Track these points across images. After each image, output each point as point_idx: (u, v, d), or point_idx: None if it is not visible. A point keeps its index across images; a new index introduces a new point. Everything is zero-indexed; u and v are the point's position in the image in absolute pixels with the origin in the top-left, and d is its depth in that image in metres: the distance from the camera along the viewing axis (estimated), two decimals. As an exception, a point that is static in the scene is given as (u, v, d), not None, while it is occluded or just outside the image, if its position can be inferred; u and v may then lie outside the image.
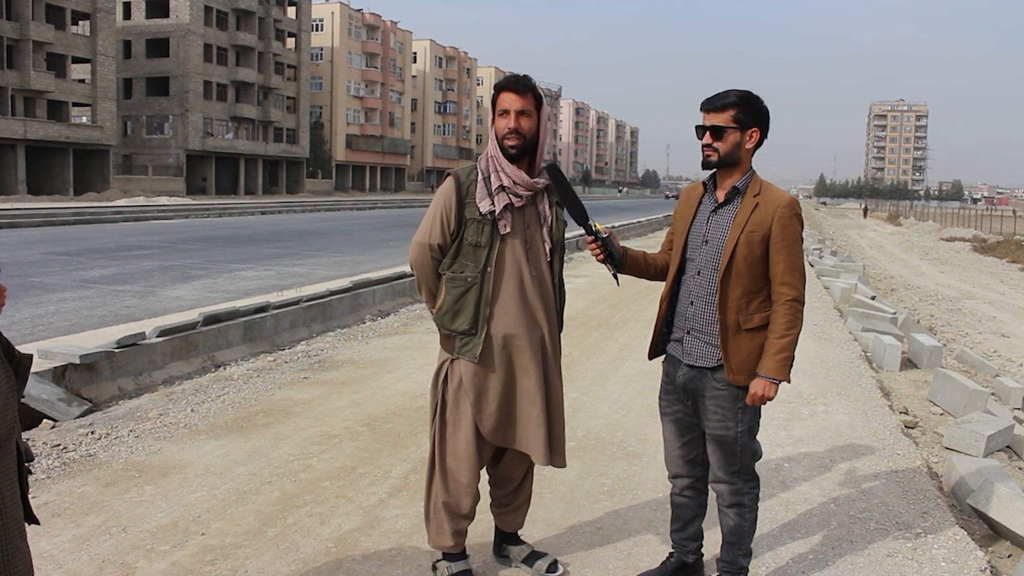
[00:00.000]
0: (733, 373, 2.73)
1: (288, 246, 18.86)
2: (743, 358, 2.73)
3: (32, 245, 17.86)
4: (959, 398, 6.15)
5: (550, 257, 2.96)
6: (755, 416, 2.81)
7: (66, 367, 5.51)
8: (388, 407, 5.39)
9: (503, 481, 3.09)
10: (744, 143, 2.72)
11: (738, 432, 2.77)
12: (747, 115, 2.70)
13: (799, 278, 2.72)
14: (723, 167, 2.77)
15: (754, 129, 2.72)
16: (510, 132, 2.80)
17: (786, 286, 2.70)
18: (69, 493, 3.84)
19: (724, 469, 2.82)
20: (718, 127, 2.72)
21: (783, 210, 2.69)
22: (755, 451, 2.84)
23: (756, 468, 2.92)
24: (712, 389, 2.78)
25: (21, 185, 42.47)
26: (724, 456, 2.81)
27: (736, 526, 2.86)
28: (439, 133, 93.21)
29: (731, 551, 2.90)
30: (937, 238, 42.30)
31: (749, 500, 2.85)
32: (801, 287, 2.72)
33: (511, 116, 2.80)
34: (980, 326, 13.39)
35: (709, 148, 2.75)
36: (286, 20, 64.59)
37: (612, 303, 10.25)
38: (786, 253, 2.70)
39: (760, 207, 2.70)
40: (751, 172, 2.77)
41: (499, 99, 2.84)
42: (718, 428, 2.79)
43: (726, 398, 2.76)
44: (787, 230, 2.69)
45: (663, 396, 2.98)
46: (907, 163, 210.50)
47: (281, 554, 3.26)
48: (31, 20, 42.99)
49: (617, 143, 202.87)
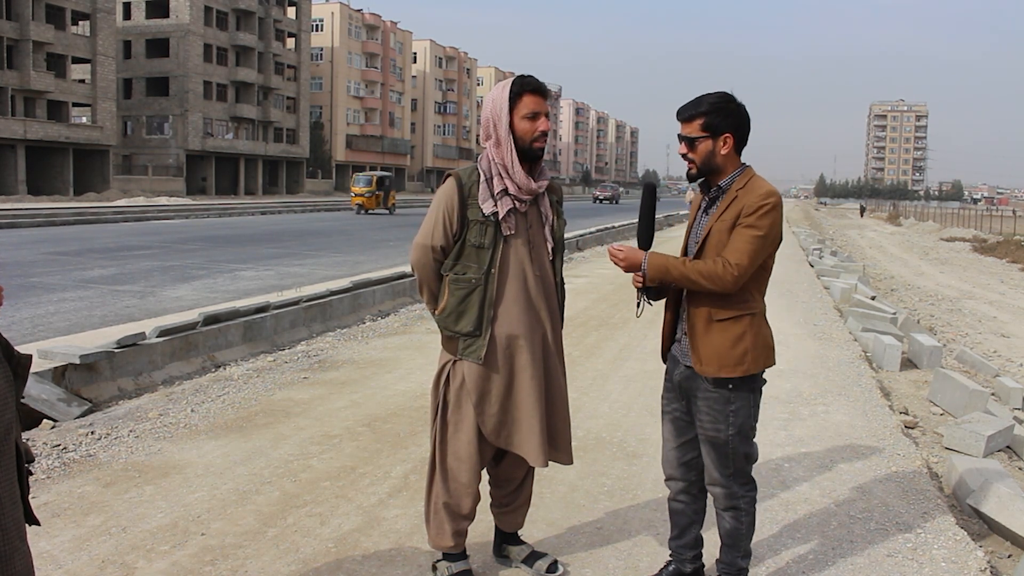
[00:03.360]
0: (701, 364, 2.71)
1: (288, 246, 18.86)
2: (712, 349, 2.69)
3: (32, 245, 17.86)
4: (959, 398, 6.15)
5: (552, 256, 2.96)
6: (747, 419, 2.77)
7: (66, 367, 5.51)
8: (388, 407, 5.39)
9: (503, 481, 3.09)
10: (718, 150, 2.69)
11: (728, 435, 2.75)
12: (717, 121, 2.67)
13: (747, 259, 2.60)
14: (704, 176, 2.77)
15: (726, 135, 2.68)
16: (542, 135, 2.81)
17: (731, 253, 2.61)
18: (69, 493, 3.84)
19: (718, 471, 2.80)
20: (689, 138, 2.71)
21: (757, 198, 2.64)
22: (749, 454, 2.81)
23: (756, 469, 2.92)
24: (704, 390, 2.76)
25: (21, 185, 42.47)
26: (717, 458, 2.79)
27: (732, 529, 2.85)
28: (439, 133, 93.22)
29: (729, 553, 2.89)
30: (937, 238, 42.29)
31: (745, 503, 2.83)
32: (744, 263, 2.59)
33: (542, 120, 2.80)
34: (980, 326, 13.38)
35: (686, 159, 2.76)
36: (286, 20, 64.60)
37: (612, 303, 10.25)
38: (744, 227, 2.61)
39: (738, 199, 2.67)
40: (740, 170, 2.74)
41: (524, 101, 2.80)
42: (709, 430, 2.77)
43: (717, 400, 2.74)
44: (752, 216, 2.62)
45: (664, 394, 2.99)
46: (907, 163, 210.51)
47: (281, 554, 3.26)
48: (31, 20, 42.99)
49: (617, 143, 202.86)
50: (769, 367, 2.77)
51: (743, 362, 2.69)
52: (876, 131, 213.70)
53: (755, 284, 2.72)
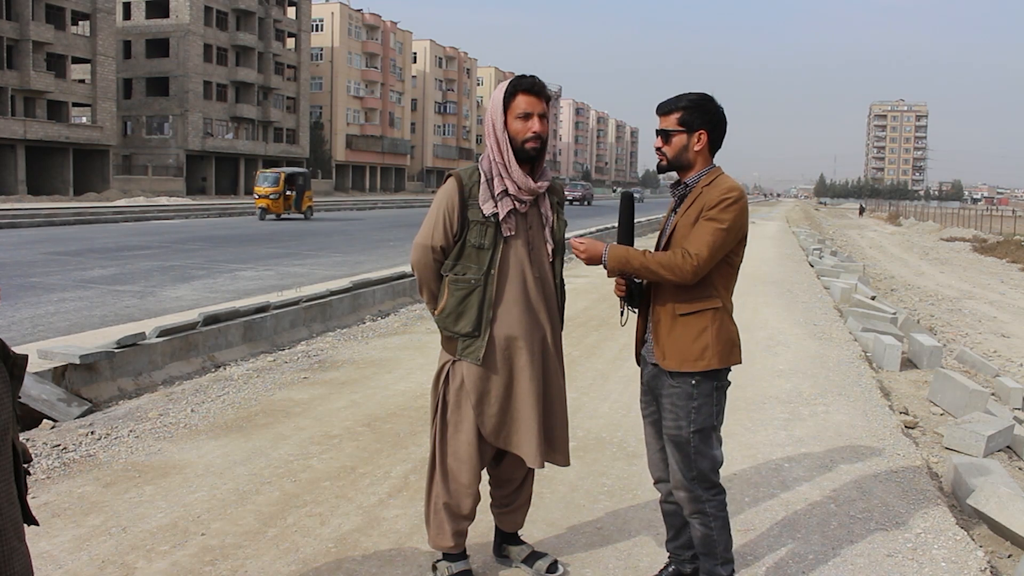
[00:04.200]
0: (664, 359, 2.71)
1: (288, 246, 18.86)
2: (675, 343, 2.70)
3: (32, 245, 17.86)
4: (959, 398, 6.15)
5: (552, 258, 2.96)
6: (709, 418, 2.72)
7: (66, 367, 5.51)
8: (388, 407, 5.39)
9: (503, 481, 3.09)
10: (692, 145, 2.71)
11: (690, 433, 2.71)
12: (694, 117, 2.69)
13: (707, 250, 2.59)
14: (674, 170, 2.78)
15: (701, 131, 2.70)
16: (534, 136, 2.79)
17: (691, 244, 2.61)
18: (69, 493, 3.84)
19: (682, 473, 2.76)
20: (665, 131, 2.73)
21: (719, 193, 2.64)
22: (713, 457, 2.76)
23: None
24: (668, 387, 2.75)
25: (21, 185, 42.48)
26: (680, 459, 2.75)
27: (703, 536, 2.78)
28: (439, 133, 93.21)
29: (707, 562, 2.81)
30: (937, 238, 42.30)
31: (712, 508, 2.76)
32: (704, 255, 2.59)
33: (535, 120, 2.78)
34: (980, 326, 13.38)
35: (659, 152, 2.77)
36: (286, 20, 64.61)
37: (612, 303, 10.24)
38: (705, 221, 2.62)
39: (703, 195, 2.68)
40: (707, 168, 2.74)
41: (517, 101, 2.79)
42: (671, 427, 2.75)
43: (679, 396, 2.72)
44: (714, 209, 2.62)
45: (641, 398, 2.96)
46: (907, 163, 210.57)
47: (281, 554, 3.26)
48: (31, 20, 43.01)
49: (617, 143, 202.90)
50: (734, 364, 2.75)
51: (704, 356, 2.68)
52: (876, 131, 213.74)
53: (721, 280, 2.72)
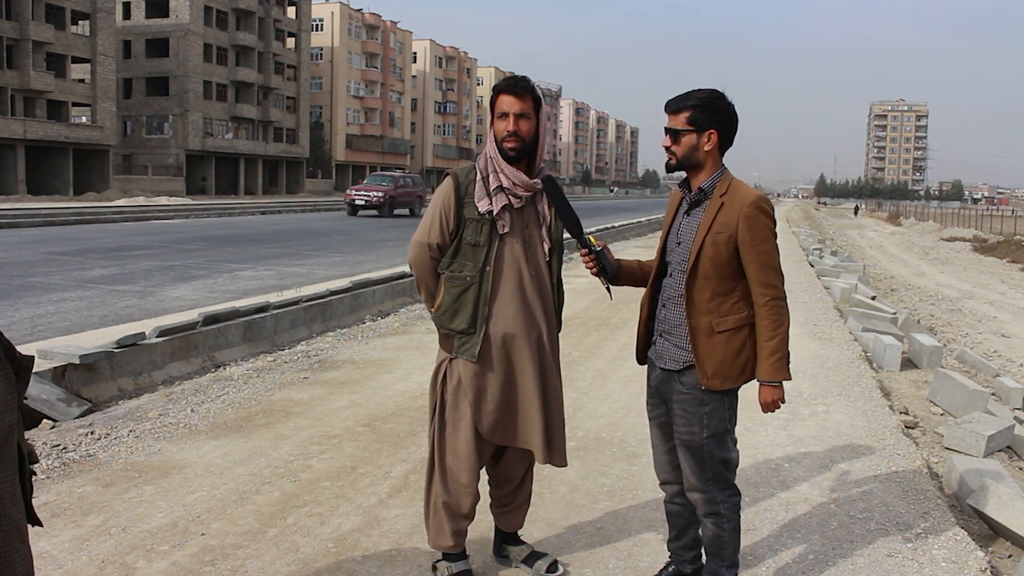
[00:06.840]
0: (708, 378, 2.67)
1: (288, 246, 18.85)
2: (718, 361, 2.66)
3: (32, 245, 17.86)
4: (959, 398, 6.15)
5: (549, 257, 2.96)
6: (722, 422, 2.72)
7: (66, 367, 5.51)
8: (388, 407, 5.39)
9: (503, 481, 3.09)
10: (702, 145, 2.68)
11: (703, 438, 2.70)
12: (704, 117, 2.66)
13: (776, 276, 2.66)
14: (683, 169, 2.76)
15: (711, 131, 2.67)
16: (509, 135, 2.80)
17: (763, 286, 2.64)
18: (69, 493, 3.84)
19: (696, 476, 2.75)
20: (674, 130, 2.70)
21: (747, 209, 2.63)
22: (728, 459, 2.76)
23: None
24: (679, 393, 2.73)
25: (21, 185, 42.46)
26: (694, 463, 2.74)
27: (715, 536, 2.78)
28: (439, 133, 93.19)
29: (714, 562, 2.82)
30: (937, 238, 42.30)
31: (726, 509, 2.76)
32: (779, 283, 2.66)
33: (510, 119, 2.79)
34: (980, 326, 13.39)
35: (668, 151, 2.74)
36: (286, 20, 64.58)
37: (612, 303, 10.24)
38: (756, 252, 2.63)
39: (725, 207, 2.65)
40: (719, 172, 2.72)
41: (498, 101, 2.83)
42: (684, 433, 2.74)
43: (691, 402, 2.71)
44: (754, 229, 2.62)
45: (648, 400, 2.95)
46: (907, 163, 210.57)
47: (281, 554, 3.26)
48: (31, 20, 42.97)
49: (617, 143, 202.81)
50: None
51: (745, 372, 2.69)
52: (876, 131, 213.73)
53: (749, 294, 2.71)
